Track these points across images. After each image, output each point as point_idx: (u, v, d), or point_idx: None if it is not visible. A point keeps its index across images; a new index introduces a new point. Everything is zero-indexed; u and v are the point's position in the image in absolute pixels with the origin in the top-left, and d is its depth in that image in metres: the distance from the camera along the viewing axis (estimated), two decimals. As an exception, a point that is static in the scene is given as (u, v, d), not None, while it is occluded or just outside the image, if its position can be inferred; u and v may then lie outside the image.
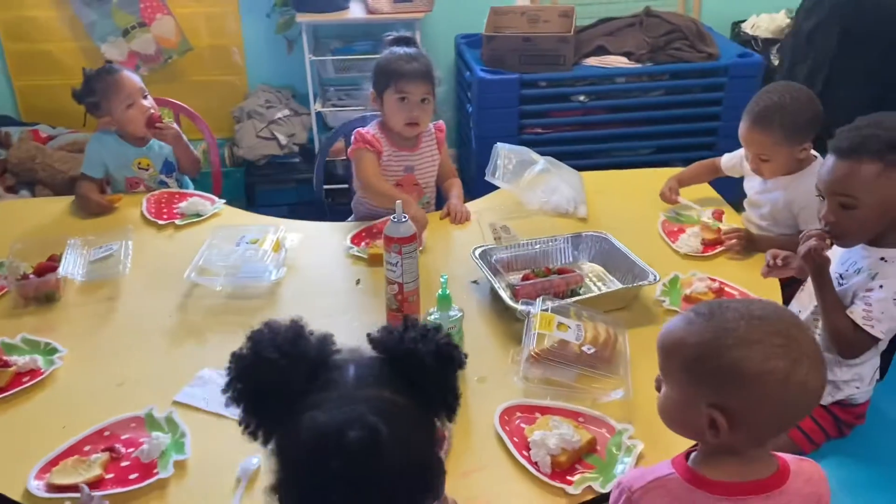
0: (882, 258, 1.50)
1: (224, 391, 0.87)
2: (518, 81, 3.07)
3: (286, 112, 3.41)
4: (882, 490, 1.53)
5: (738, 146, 2.22)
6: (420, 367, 0.87)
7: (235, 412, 1.33)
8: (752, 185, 2.08)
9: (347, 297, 1.82)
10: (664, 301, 1.74)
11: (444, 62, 3.65)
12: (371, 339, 0.92)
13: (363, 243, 2.00)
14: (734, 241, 1.94)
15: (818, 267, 1.52)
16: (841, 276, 1.57)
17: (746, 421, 0.97)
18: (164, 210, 2.18)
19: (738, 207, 2.22)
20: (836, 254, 1.61)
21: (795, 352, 0.95)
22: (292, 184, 3.49)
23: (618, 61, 3.17)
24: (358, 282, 1.86)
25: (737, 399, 0.97)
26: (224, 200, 2.22)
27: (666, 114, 3.24)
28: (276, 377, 0.84)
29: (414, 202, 2.06)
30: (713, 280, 1.78)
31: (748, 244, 1.94)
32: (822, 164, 1.53)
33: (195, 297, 1.80)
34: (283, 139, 3.36)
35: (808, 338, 0.98)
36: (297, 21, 3.23)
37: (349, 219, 2.30)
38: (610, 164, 3.25)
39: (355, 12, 3.27)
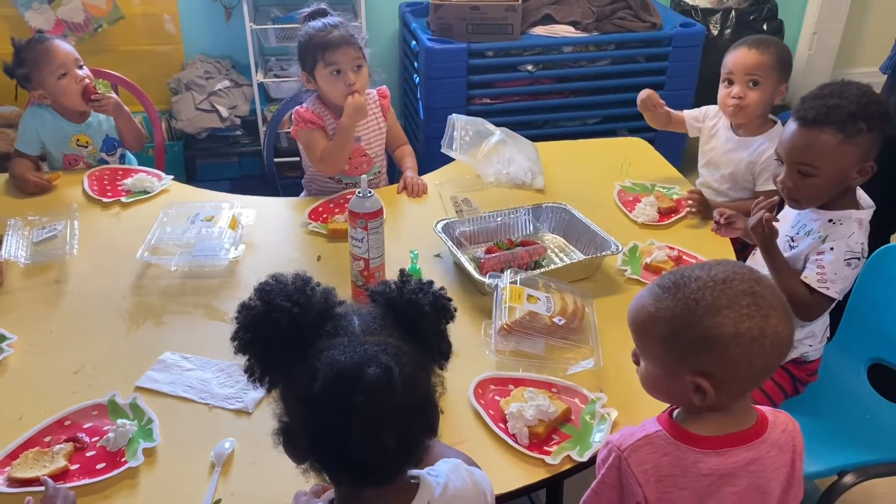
0: (831, 220, 1.55)
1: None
2: (466, 51, 3.04)
3: (226, 83, 3.29)
4: (836, 442, 1.60)
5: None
6: (419, 316, 0.93)
7: (205, 396, 1.32)
8: (714, 145, 2.13)
9: (310, 272, 1.76)
10: (626, 270, 1.76)
11: (388, 31, 3.59)
12: (372, 293, 0.96)
13: (322, 217, 1.96)
14: (692, 201, 1.98)
15: (766, 238, 1.57)
16: (792, 238, 1.62)
17: (729, 381, 1.01)
18: (108, 187, 2.09)
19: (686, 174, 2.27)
20: (786, 216, 1.66)
21: (764, 307, 0.99)
22: (235, 157, 3.39)
23: (565, 30, 3.18)
24: (319, 258, 1.83)
25: (718, 364, 1.00)
26: (172, 176, 2.14)
27: (612, 83, 3.26)
28: (288, 324, 0.87)
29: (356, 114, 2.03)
30: (672, 248, 1.82)
31: (704, 209, 1.98)
32: (784, 130, 1.57)
33: (149, 278, 1.73)
34: (224, 111, 3.25)
35: (771, 290, 1.02)
36: (236, -12, 3.11)
37: (301, 195, 2.25)
38: (557, 134, 3.28)
39: (297, -21, 3.16)
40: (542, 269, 1.68)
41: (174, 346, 1.51)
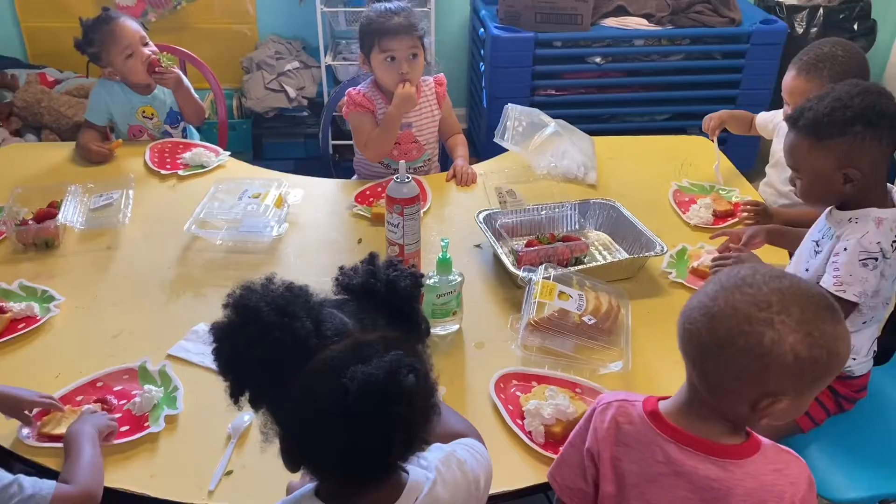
0: (850, 219, 1.48)
1: (220, 367, 0.85)
2: (533, 40, 2.99)
3: (296, 64, 3.35)
4: (880, 467, 1.51)
5: (755, 115, 2.17)
6: (402, 298, 0.90)
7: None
8: (781, 145, 2.03)
9: (349, 255, 1.79)
10: (670, 273, 1.70)
11: (459, 18, 3.57)
12: (345, 285, 0.92)
13: (368, 201, 1.97)
14: (747, 213, 1.90)
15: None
16: (817, 243, 1.55)
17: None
18: (168, 160, 2.16)
19: (752, 178, 2.18)
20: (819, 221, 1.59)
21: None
22: (300, 138, 3.45)
23: (637, 23, 3.09)
24: (360, 241, 1.84)
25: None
26: (229, 153, 2.19)
27: (684, 79, 3.15)
28: (289, 340, 0.81)
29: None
30: None
31: (763, 218, 1.89)
32: None
33: (195, 250, 1.78)
34: (292, 92, 3.30)
35: None
36: (310, -30, 3.15)
37: (353, 178, 2.27)
38: (623, 129, 3.20)
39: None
40: (582, 267, 1.64)
41: (209, 318, 1.49)
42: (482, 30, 3.18)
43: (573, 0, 2.96)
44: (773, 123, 2.09)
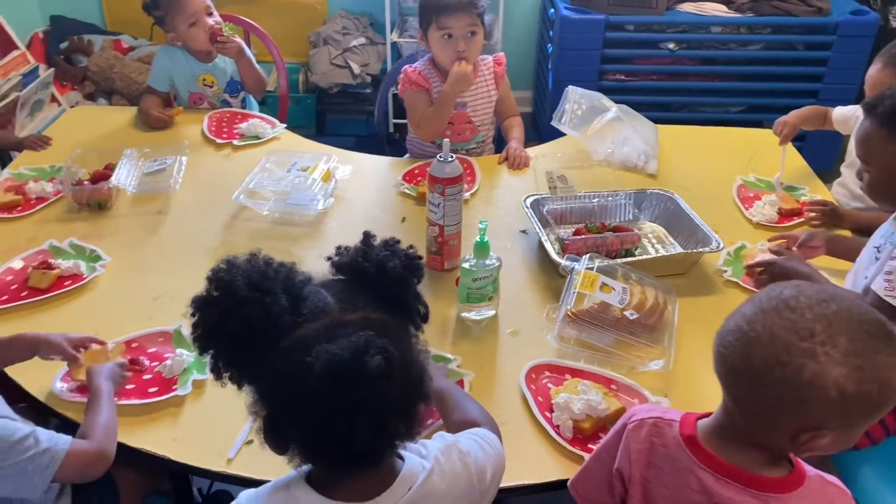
0: None
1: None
2: (604, 23, 2.89)
3: (362, 40, 3.34)
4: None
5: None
6: (392, 280, 0.87)
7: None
8: None
9: (391, 233, 1.69)
10: (726, 271, 1.62)
11: (529, -1, 3.49)
12: (337, 264, 0.90)
13: (416, 180, 1.94)
14: (814, 213, 1.78)
15: (777, 274, 1.45)
16: (878, 249, 1.44)
17: None
18: (225, 129, 2.17)
19: (826, 178, 2.05)
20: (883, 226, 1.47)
21: None
22: (363, 115, 3.45)
23: (715, 9, 2.94)
24: (403, 219, 1.81)
25: None
26: (285, 125, 2.19)
27: (763, 70, 3.00)
28: (260, 316, 0.79)
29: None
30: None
31: (832, 219, 1.77)
32: None
33: (242, 220, 1.78)
34: (356, 68, 3.29)
35: None
36: (379, -55, 3.12)
37: (405, 156, 2.24)
38: (694, 119, 3.07)
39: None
40: (629, 259, 1.57)
41: None
42: (552, 10, 3.10)
43: (648, -18, 2.85)
44: (854, 119, 1.96)
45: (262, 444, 0.85)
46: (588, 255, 1.50)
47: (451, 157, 1.51)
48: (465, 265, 1.42)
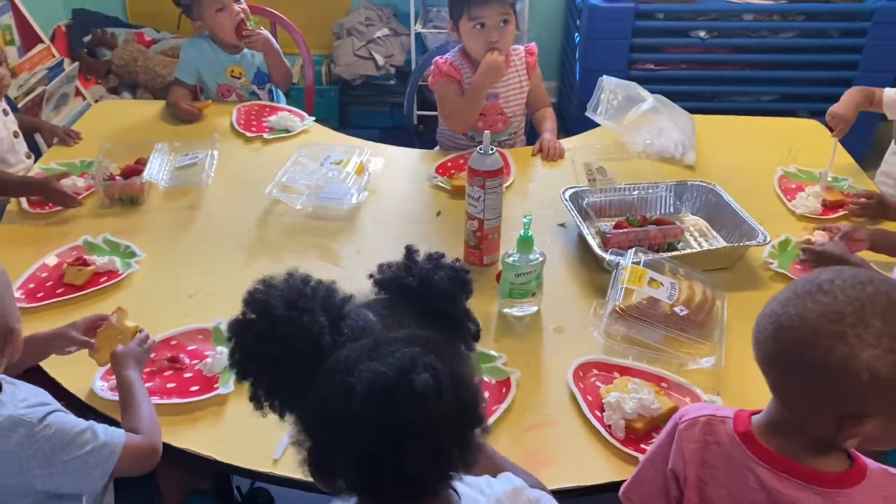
0: None
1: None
2: (633, 11, 2.84)
3: (385, 31, 3.30)
4: None
5: None
6: (439, 295, 0.82)
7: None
8: None
9: (427, 227, 1.74)
10: (772, 264, 1.57)
11: (556, -13, 3.43)
12: (379, 281, 0.85)
13: (450, 173, 1.91)
14: (859, 205, 1.73)
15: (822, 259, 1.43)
16: None
17: None
18: (254, 122, 2.15)
19: (868, 165, 1.99)
20: None
21: None
22: (387, 107, 3.41)
23: (748, -4, 2.88)
24: (439, 213, 1.78)
25: None
26: (314, 118, 2.16)
27: (796, 58, 2.93)
28: (299, 338, 0.75)
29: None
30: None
31: (878, 209, 1.72)
32: None
33: (275, 214, 1.76)
34: (380, 59, 3.26)
35: None
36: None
37: (435, 149, 2.21)
38: (727, 108, 3.01)
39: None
40: (675, 253, 1.53)
41: None
42: (580, -1, 3.05)
43: (679, -31, 2.79)
44: None
45: (305, 475, 0.79)
46: (633, 249, 1.47)
47: (492, 149, 1.48)
48: (508, 260, 1.38)
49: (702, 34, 2.90)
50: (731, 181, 1.79)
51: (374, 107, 3.40)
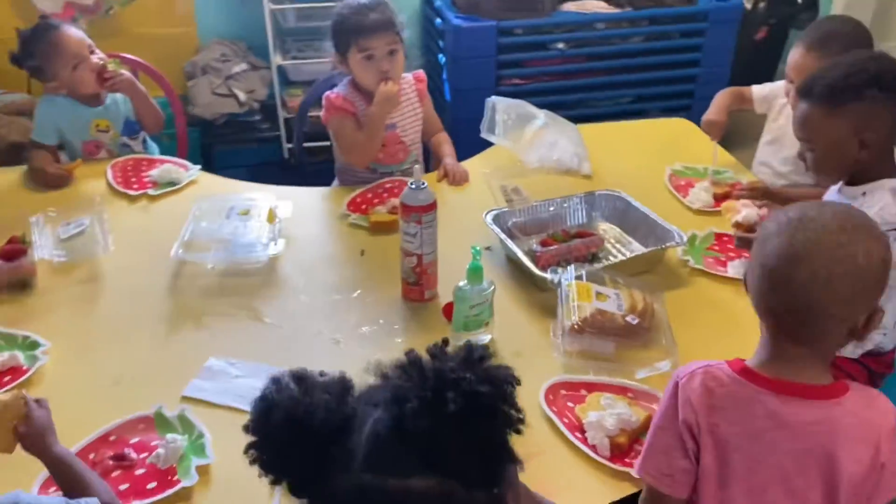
0: (864, 193, 1.47)
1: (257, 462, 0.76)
2: (495, 29, 2.91)
3: (244, 66, 3.17)
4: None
5: (715, 93, 2.13)
6: (484, 416, 0.71)
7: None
8: (782, 123, 2.02)
9: (353, 269, 1.68)
10: (688, 260, 1.66)
11: (409, 8, 3.45)
12: (412, 414, 0.70)
13: (362, 208, 1.86)
14: (746, 194, 1.87)
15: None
16: None
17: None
18: (134, 179, 1.98)
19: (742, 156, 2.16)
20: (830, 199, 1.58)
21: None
22: (253, 143, 3.28)
23: (596, 6, 3.05)
24: (363, 252, 1.72)
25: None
26: (199, 166, 2.03)
27: (645, 61, 3.13)
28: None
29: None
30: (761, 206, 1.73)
31: (764, 198, 1.87)
32: None
33: (186, 277, 1.63)
34: (242, 96, 3.12)
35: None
36: (253, -34, 2.98)
37: (333, 184, 2.15)
38: (590, 115, 3.14)
39: (318, -45, 3.03)
40: (607, 263, 1.58)
41: (218, 350, 1.41)
42: (439, 20, 3.08)
43: (533, -15, 2.90)
44: (773, 100, 2.07)
45: None
46: (572, 265, 1.50)
47: (423, 183, 1.45)
48: (461, 293, 1.36)
49: (560, 46, 3.03)
50: (627, 186, 1.87)
51: (239, 144, 3.26)
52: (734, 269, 1.63)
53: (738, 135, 2.89)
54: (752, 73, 3.33)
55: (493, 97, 2.11)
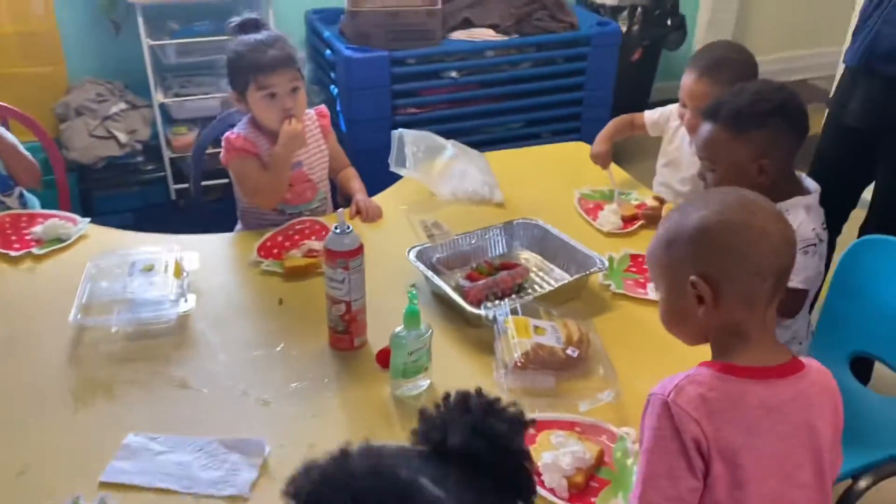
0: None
1: None
2: (388, 59, 2.89)
3: (122, 106, 2.98)
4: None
5: (601, 116, 2.21)
6: (514, 460, 0.71)
7: (188, 484, 1.09)
8: (678, 145, 2.09)
9: (273, 320, 1.59)
10: (610, 285, 1.68)
11: (295, 41, 3.36)
12: (448, 450, 0.69)
13: (274, 253, 1.77)
14: (652, 212, 1.92)
15: None
16: None
17: (724, 280, 1.01)
18: (14, 238, 1.80)
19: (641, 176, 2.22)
20: None
21: (751, 206, 1.04)
22: (136, 187, 3.09)
23: (484, 34, 3.09)
24: (280, 301, 1.63)
25: (708, 262, 1.02)
26: (88, 219, 1.87)
27: (533, 86, 3.20)
28: None
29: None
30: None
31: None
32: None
33: (88, 345, 1.48)
34: (122, 137, 2.94)
35: (764, 200, 1.06)
36: (127, 1, 2.81)
37: (236, 229, 2.04)
38: (485, 140, 3.18)
39: (196, -11, 2.91)
40: (537, 294, 1.57)
41: (135, 425, 1.28)
42: (329, 51, 3.03)
43: (423, 15, 2.90)
44: (665, 124, 2.15)
45: None
46: (506, 300, 1.48)
47: (348, 227, 1.39)
48: (398, 339, 1.31)
49: (453, 74, 3.04)
50: (540, 212, 1.88)
51: (122, 189, 3.06)
52: (654, 290, 1.66)
53: (632, 152, 3.01)
54: (629, 93, 3.50)
55: (401, 130, 2.07)
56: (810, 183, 1.64)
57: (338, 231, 1.38)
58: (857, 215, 2.21)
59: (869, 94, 1.98)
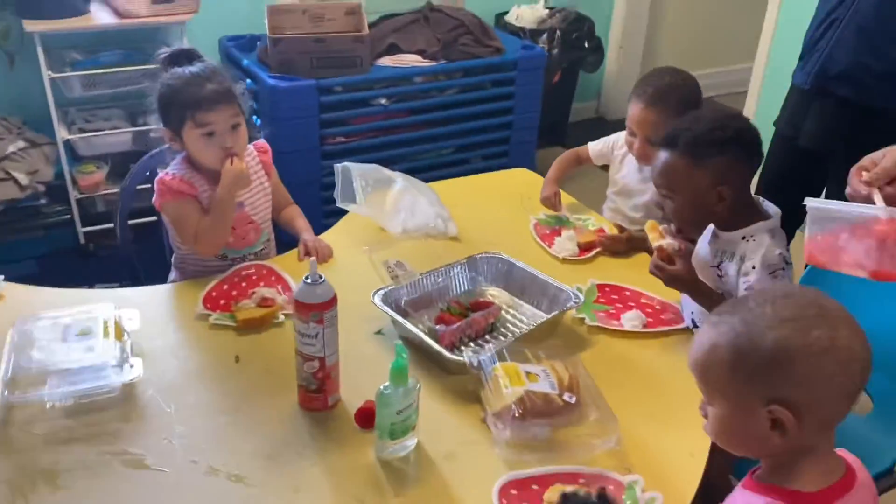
0: (743, 237, 1.54)
1: None
2: (315, 87, 2.77)
3: (21, 144, 2.72)
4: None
5: (529, 139, 2.19)
6: None
7: None
8: (626, 173, 2.07)
9: (230, 381, 1.43)
10: (584, 318, 1.62)
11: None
12: None
13: (221, 304, 1.61)
14: (609, 241, 1.89)
15: (670, 280, 1.55)
16: (717, 267, 1.59)
17: (810, 407, 0.89)
18: (-87, 304, 1.56)
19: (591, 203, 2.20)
20: (703, 247, 1.63)
21: (832, 318, 0.90)
22: (40, 231, 2.83)
23: (412, 60, 3.02)
24: (237, 359, 1.48)
25: (791, 385, 0.89)
26: (2, 277, 1.65)
27: (462, 112, 3.16)
28: None
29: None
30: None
31: (627, 244, 1.90)
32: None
33: (19, 426, 1.28)
34: (23, 178, 2.68)
35: (836, 305, 0.93)
36: (24, 30, 2.57)
37: (171, 278, 1.87)
38: (415, 168, 3.10)
39: (101, 18, 2.70)
40: (519, 335, 1.49)
41: None
42: (250, 81, 2.87)
43: (349, 42, 2.80)
44: (610, 154, 2.13)
45: None
46: (480, 341, 1.40)
47: (320, 277, 1.27)
48: (385, 398, 1.20)
49: (382, 101, 2.95)
50: (496, 242, 1.82)
51: (23, 234, 2.79)
52: (628, 321, 1.62)
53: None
54: (550, 114, 3.52)
55: (345, 163, 1.96)
56: (769, 206, 1.64)
57: (309, 281, 1.26)
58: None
59: (823, 116, 2.03)
